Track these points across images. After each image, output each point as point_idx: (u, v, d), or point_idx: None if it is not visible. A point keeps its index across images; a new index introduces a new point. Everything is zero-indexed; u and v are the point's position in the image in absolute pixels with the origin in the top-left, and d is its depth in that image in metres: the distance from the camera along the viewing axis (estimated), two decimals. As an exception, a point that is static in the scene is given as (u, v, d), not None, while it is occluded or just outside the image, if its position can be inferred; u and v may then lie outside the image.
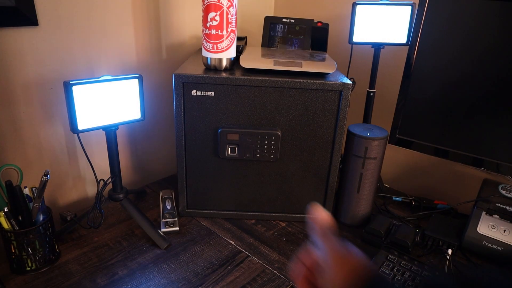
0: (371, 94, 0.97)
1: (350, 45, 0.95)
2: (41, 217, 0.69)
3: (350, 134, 0.83)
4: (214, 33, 0.74)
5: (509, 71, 0.70)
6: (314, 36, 1.01)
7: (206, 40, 0.76)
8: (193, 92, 0.76)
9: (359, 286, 0.34)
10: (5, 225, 0.65)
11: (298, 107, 0.77)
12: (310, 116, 0.78)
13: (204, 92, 0.76)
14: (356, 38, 0.91)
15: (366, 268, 0.36)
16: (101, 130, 0.72)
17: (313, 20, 1.01)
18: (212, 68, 0.79)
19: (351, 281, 0.34)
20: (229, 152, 0.80)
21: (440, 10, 0.76)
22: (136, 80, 0.73)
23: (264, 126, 0.79)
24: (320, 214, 0.42)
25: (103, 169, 0.94)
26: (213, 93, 0.76)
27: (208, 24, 0.74)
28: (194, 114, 0.78)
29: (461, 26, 0.74)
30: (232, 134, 0.78)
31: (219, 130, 0.78)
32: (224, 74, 0.76)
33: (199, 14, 1.05)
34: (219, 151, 0.80)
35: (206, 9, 0.73)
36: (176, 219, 0.84)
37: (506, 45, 0.69)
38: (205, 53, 0.78)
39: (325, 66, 0.78)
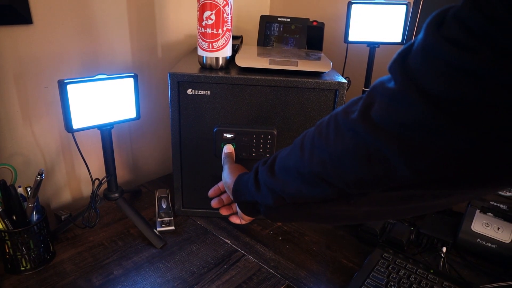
0: (367, 93, 0.97)
1: (346, 44, 0.96)
2: (35, 217, 0.69)
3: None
4: (210, 32, 0.74)
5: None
6: (309, 35, 1.01)
7: (201, 39, 0.75)
8: (189, 91, 0.76)
9: (238, 176, 0.58)
10: (-1, 224, 0.65)
11: (293, 106, 0.77)
12: (306, 115, 0.78)
13: (199, 91, 0.76)
14: (352, 37, 0.92)
15: (243, 171, 0.61)
16: (96, 129, 0.72)
17: (308, 19, 1.02)
18: (207, 67, 0.79)
19: (235, 177, 0.59)
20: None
21: (435, 9, 0.76)
22: (131, 79, 0.73)
23: (260, 125, 0.79)
24: (228, 147, 0.74)
25: (98, 168, 0.93)
26: (208, 92, 0.76)
27: (203, 23, 0.74)
28: (190, 113, 0.78)
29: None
30: (228, 133, 0.78)
31: (215, 129, 0.78)
32: (219, 73, 0.76)
33: (195, 13, 1.05)
34: (215, 150, 0.79)
35: (202, 8, 0.72)
36: (172, 218, 0.84)
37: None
38: (200, 52, 0.77)
39: (320, 65, 0.79)
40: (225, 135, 0.78)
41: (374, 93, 0.34)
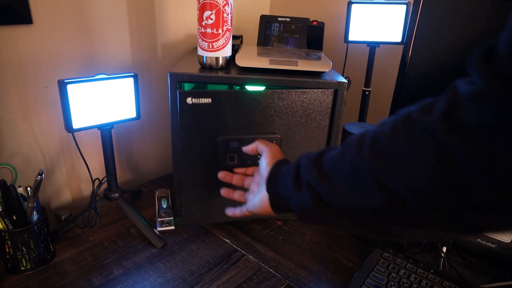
0: (367, 93, 0.97)
1: (346, 44, 0.96)
2: (35, 217, 0.69)
3: (345, 133, 0.83)
4: (210, 31, 0.74)
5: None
6: (309, 35, 1.01)
7: (201, 38, 0.75)
8: (188, 100, 0.69)
9: (275, 163, 0.55)
10: (-1, 224, 0.65)
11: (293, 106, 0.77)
12: (306, 114, 0.78)
13: (200, 99, 0.70)
14: (352, 37, 0.92)
15: (281, 157, 0.58)
16: (96, 129, 0.72)
17: (308, 19, 1.01)
18: (207, 67, 0.78)
19: (272, 161, 0.56)
20: (228, 161, 0.73)
21: (435, 8, 0.76)
22: (131, 79, 0.73)
23: (263, 129, 0.76)
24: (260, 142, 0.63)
25: (98, 168, 0.93)
26: (210, 100, 0.70)
27: (203, 23, 0.73)
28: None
29: (455, 24, 0.74)
30: (232, 142, 0.74)
31: (219, 139, 0.71)
32: (219, 73, 0.76)
33: (195, 13, 1.05)
34: (218, 162, 0.72)
35: (202, 8, 0.72)
36: (172, 218, 0.84)
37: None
38: (200, 52, 0.77)
39: (320, 65, 0.78)
40: (229, 145, 0.72)
41: (457, 94, 0.31)
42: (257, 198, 0.56)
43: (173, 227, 0.82)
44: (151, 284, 0.67)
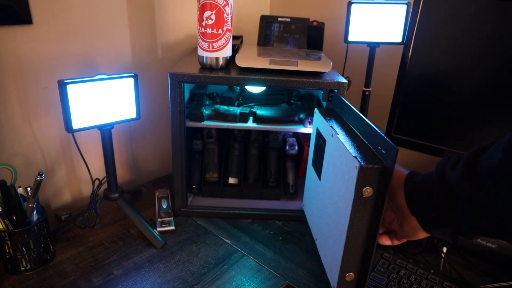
0: (367, 93, 0.97)
1: (346, 44, 0.95)
2: (35, 217, 0.69)
3: (345, 133, 0.83)
4: (210, 32, 0.74)
5: (505, 69, 0.70)
6: (309, 35, 1.01)
7: (201, 39, 0.75)
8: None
9: (401, 181, 0.51)
10: (-1, 225, 0.65)
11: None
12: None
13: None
14: (352, 37, 0.92)
15: (403, 172, 0.53)
16: (96, 129, 0.72)
17: (308, 19, 1.01)
18: (207, 67, 0.78)
19: (399, 181, 0.51)
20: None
21: (435, 8, 0.76)
22: (131, 79, 0.73)
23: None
24: None
25: (98, 168, 0.93)
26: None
27: (203, 23, 0.73)
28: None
29: (455, 25, 0.74)
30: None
31: None
32: (219, 73, 0.76)
33: (195, 13, 1.05)
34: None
35: (202, 8, 0.72)
36: (172, 218, 0.84)
37: (500, 43, 0.69)
38: (200, 52, 0.77)
39: (320, 65, 0.78)
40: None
41: None
42: (406, 226, 0.52)
43: (173, 227, 0.82)
44: (151, 285, 0.67)
